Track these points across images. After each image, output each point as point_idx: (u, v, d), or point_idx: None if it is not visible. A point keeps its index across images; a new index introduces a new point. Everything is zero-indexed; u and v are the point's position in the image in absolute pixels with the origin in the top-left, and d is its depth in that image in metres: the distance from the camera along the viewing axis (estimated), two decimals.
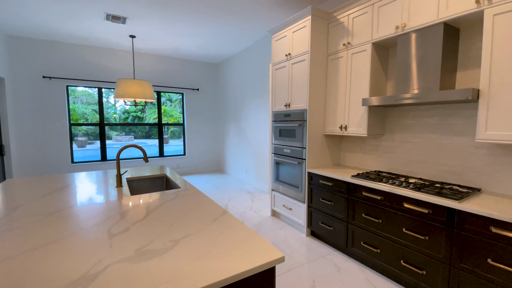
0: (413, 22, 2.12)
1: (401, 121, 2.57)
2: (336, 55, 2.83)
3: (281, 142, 3.33)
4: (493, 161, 1.96)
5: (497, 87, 1.69)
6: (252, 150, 5.38)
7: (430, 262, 1.86)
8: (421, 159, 2.42)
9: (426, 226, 1.87)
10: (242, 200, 4.34)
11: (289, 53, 3.10)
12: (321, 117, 3.00)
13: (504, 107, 1.67)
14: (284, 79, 3.22)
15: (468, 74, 2.07)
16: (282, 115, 3.28)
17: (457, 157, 2.17)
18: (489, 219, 1.55)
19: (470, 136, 2.08)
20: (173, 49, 5.46)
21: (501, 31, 1.65)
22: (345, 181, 2.49)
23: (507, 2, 1.60)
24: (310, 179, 2.92)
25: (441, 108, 2.26)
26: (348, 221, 2.49)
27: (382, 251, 2.19)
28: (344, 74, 2.75)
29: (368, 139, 2.89)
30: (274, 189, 3.53)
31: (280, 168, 3.38)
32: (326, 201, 2.71)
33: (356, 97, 2.63)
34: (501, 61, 1.66)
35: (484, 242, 1.58)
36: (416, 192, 1.93)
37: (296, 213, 3.14)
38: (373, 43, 2.47)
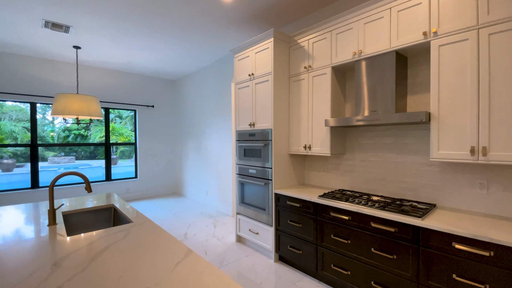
0: (369, 49, 2.28)
1: (360, 141, 2.69)
2: (298, 77, 2.89)
3: (246, 162, 3.20)
4: (444, 178, 2.12)
5: (446, 111, 1.86)
6: (213, 170, 5.13)
7: (399, 282, 1.87)
8: (380, 177, 2.53)
9: (394, 245, 1.89)
10: (203, 226, 4.01)
11: (252, 73, 3.07)
12: (286, 136, 2.99)
13: (451, 128, 1.83)
14: (248, 98, 3.17)
15: (417, 98, 2.27)
16: (247, 134, 3.19)
17: (412, 175, 2.32)
18: (450, 235, 1.62)
19: (423, 155, 2.25)
20: (125, 63, 5.05)
21: (446, 60, 1.85)
22: (312, 202, 2.45)
23: (450, 35, 1.81)
24: (277, 201, 2.82)
25: (395, 129, 2.42)
26: (317, 243, 2.42)
27: (352, 273, 2.15)
28: (306, 96, 2.80)
29: (330, 158, 2.95)
30: (239, 212, 3.33)
31: (246, 190, 3.23)
32: (295, 223, 2.63)
33: (319, 118, 2.69)
34: (448, 87, 1.84)
35: (448, 258, 1.64)
36: (381, 211, 1.97)
37: (263, 238, 2.98)
38: (332, 67, 2.58)
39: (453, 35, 1.80)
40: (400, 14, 2.07)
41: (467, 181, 2.01)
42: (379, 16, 2.20)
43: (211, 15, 3.14)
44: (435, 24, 1.89)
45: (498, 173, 1.86)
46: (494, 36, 1.63)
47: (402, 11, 2.07)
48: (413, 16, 2.00)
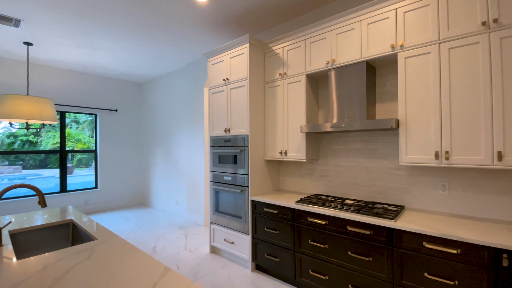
0: (341, 58, 2.37)
1: (332, 146, 2.77)
2: (273, 83, 2.91)
3: (221, 169, 3.10)
4: (411, 181, 2.27)
5: (412, 118, 1.99)
6: (184, 178, 4.90)
7: (375, 283, 1.92)
8: (353, 181, 2.62)
9: (369, 247, 1.95)
10: (174, 238, 3.77)
11: (227, 78, 3.02)
12: (262, 142, 2.96)
13: (418, 135, 1.97)
14: (223, 103, 3.09)
15: (385, 106, 2.41)
16: (222, 140, 3.10)
17: (382, 178, 2.44)
18: (421, 235, 1.72)
19: (391, 159, 2.38)
20: (85, 63, 4.65)
21: (412, 71, 1.99)
22: (290, 208, 2.44)
23: (415, 48, 1.96)
24: (254, 208, 2.76)
25: (365, 135, 2.54)
26: (295, 249, 2.41)
27: (330, 278, 2.17)
28: (282, 102, 2.83)
29: (305, 163, 3.00)
30: (214, 221, 3.20)
31: (220, 198, 3.11)
32: (272, 230, 2.59)
33: (294, 124, 2.72)
34: (414, 96, 1.98)
35: (420, 257, 1.72)
36: (357, 215, 2.02)
37: (239, 247, 2.88)
38: (306, 75, 2.64)
39: (418, 48, 1.95)
40: (370, 27, 2.20)
41: (431, 183, 2.17)
42: (350, 27, 2.32)
43: (181, 17, 3.03)
44: (401, 37, 2.03)
45: (458, 175, 2.04)
46: (453, 50, 1.80)
47: (371, 24, 2.20)
48: (381, 29, 2.14)
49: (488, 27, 1.66)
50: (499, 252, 1.44)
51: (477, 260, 1.51)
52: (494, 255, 1.46)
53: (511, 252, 1.41)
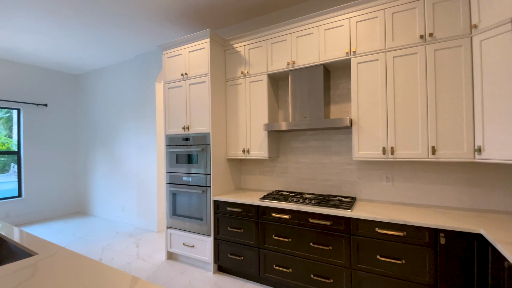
0: (301, 60, 2.49)
1: (292, 144, 2.89)
2: (235, 81, 2.89)
3: (179, 169, 2.93)
4: (361, 174, 2.51)
5: (364, 118, 2.21)
6: (132, 182, 4.48)
7: (335, 270, 2.07)
8: (310, 176, 2.78)
9: (330, 237, 2.09)
10: (123, 248, 3.41)
11: (186, 73, 2.87)
12: (224, 141, 2.91)
13: (368, 133, 2.19)
14: (181, 99, 2.93)
15: (338, 107, 2.62)
16: (180, 138, 2.93)
17: (336, 173, 2.64)
18: (374, 222, 1.92)
19: (344, 155, 2.60)
20: (5, 49, 3.85)
21: (363, 76, 2.21)
22: (254, 205, 2.45)
23: (366, 55, 2.18)
24: (216, 208, 2.68)
25: (321, 134, 2.73)
26: (259, 246, 2.43)
27: (293, 270, 2.25)
28: (244, 100, 2.82)
29: (266, 161, 3.05)
30: (171, 226, 3.00)
31: (178, 200, 2.94)
32: (235, 229, 2.55)
33: (257, 122, 2.74)
34: (365, 98, 2.20)
35: (373, 242, 1.92)
36: (318, 207, 2.15)
37: (200, 250, 2.76)
38: (268, 74, 2.70)
39: (368, 55, 2.18)
40: (327, 33, 2.37)
41: (377, 176, 2.44)
42: (309, 32, 2.45)
43: (131, 1, 2.77)
44: (354, 44, 2.24)
45: (399, 168, 2.34)
46: (397, 59, 2.06)
47: (328, 30, 2.36)
48: (337, 35, 2.32)
49: (424, 40, 1.96)
50: (437, 232, 1.71)
51: (419, 240, 1.76)
52: (433, 235, 1.72)
53: (446, 231, 1.68)
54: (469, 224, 1.66)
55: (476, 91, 1.80)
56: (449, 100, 1.90)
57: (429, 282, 1.73)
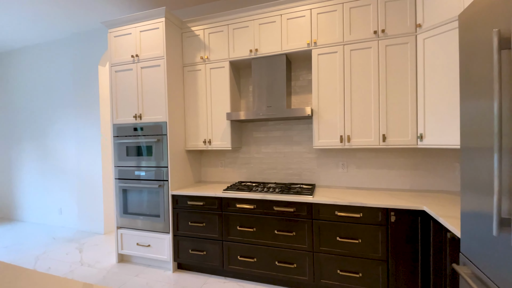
0: (264, 49, 2.46)
1: (254, 135, 2.87)
2: (194, 67, 2.71)
3: (130, 163, 2.65)
4: (320, 162, 2.63)
5: (323, 108, 2.30)
6: (71, 179, 3.91)
7: (298, 255, 2.14)
8: (272, 166, 2.81)
9: (293, 223, 2.14)
10: (63, 255, 2.96)
11: (137, 55, 2.58)
12: (182, 131, 2.72)
13: (327, 122, 2.29)
14: (131, 84, 2.63)
15: (299, 97, 2.68)
16: (131, 128, 2.64)
17: (296, 162, 2.72)
18: (334, 206, 2.02)
19: (304, 145, 2.68)
20: None
21: (323, 67, 2.28)
22: (218, 197, 2.36)
23: (326, 46, 2.25)
24: (175, 203, 2.51)
25: (283, 124, 2.76)
26: (223, 239, 2.36)
27: (258, 259, 2.25)
28: (204, 88, 2.67)
29: (228, 152, 2.97)
30: (122, 226, 2.71)
31: (130, 197, 2.66)
32: (197, 224, 2.43)
33: (218, 112, 2.63)
34: (325, 89, 2.28)
35: (333, 225, 2.03)
36: (282, 195, 2.17)
37: (157, 249, 2.56)
38: (230, 61, 2.59)
39: (328, 47, 2.26)
40: (289, 22, 2.37)
41: (334, 163, 2.58)
42: (272, 20, 2.42)
43: None
44: (315, 35, 2.29)
45: (353, 155, 2.52)
46: (354, 52, 2.18)
47: (290, 20, 2.37)
48: (299, 26, 2.34)
49: (377, 36, 2.11)
50: (388, 211, 1.88)
51: (374, 220, 1.92)
52: (385, 214, 1.89)
53: (396, 210, 1.86)
54: (414, 203, 1.88)
55: (419, 85, 2.02)
56: (398, 93, 2.09)
57: (382, 257, 1.91)
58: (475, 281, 1.05)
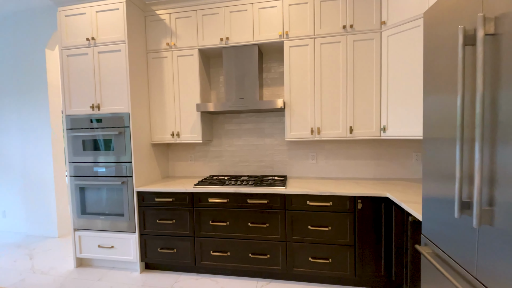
0: (235, 38, 2.38)
1: (226, 127, 2.80)
2: (159, 54, 2.52)
3: (88, 158, 2.40)
4: (291, 154, 2.67)
5: (295, 101, 2.32)
6: (16, 178, 3.43)
7: (272, 245, 2.16)
8: (245, 159, 2.78)
9: (267, 215, 2.15)
10: (10, 262, 2.61)
11: (93, 38, 2.31)
12: (147, 123, 2.53)
13: (299, 115, 2.32)
14: (87, 71, 2.36)
15: (271, 90, 2.67)
16: (87, 120, 2.38)
17: (269, 154, 2.73)
18: (306, 196, 2.07)
19: (276, 137, 2.69)
20: None
21: (295, 60, 2.28)
22: (189, 192, 2.26)
23: (298, 39, 2.26)
24: (141, 200, 2.34)
25: (255, 116, 2.73)
26: (194, 235, 2.28)
27: (232, 253, 2.23)
28: (171, 77, 2.51)
29: (198, 145, 2.86)
30: (80, 227, 2.46)
31: (89, 196, 2.42)
32: (166, 221, 2.31)
33: (187, 102, 2.50)
34: (296, 82, 2.30)
35: (305, 214, 2.08)
36: (256, 187, 2.16)
37: (122, 250, 2.39)
38: (199, 50, 2.47)
39: (299, 40, 2.26)
40: (261, 12, 2.32)
41: (305, 155, 2.65)
42: (243, 8, 2.35)
43: None
44: (287, 27, 2.28)
45: (322, 147, 2.60)
46: (324, 46, 2.22)
47: (262, 9, 2.32)
48: (271, 16, 2.30)
49: (346, 31, 2.17)
50: (355, 199, 1.99)
51: (342, 207, 2.01)
52: (353, 202, 1.99)
53: (362, 197, 1.97)
54: (378, 190, 2.01)
55: (383, 80, 2.13)
56: (364, 87, 2.19)
57: (350, 242, 2.02)
58: (436, 259, 1.16)
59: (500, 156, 0.78)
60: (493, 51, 0.79)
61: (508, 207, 0.75)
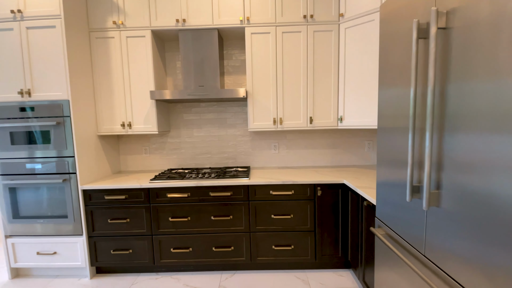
0: (193, 20, 2.21)
1: (185, 117, 2.64)
2: (104, 33, 2.22)
3: (20, 153, 2.04)
4: (254, 145, 2.65)
5: (258, 90, 2.27)
6: None
7: (236, 237, 2.14)
8: (206, 151, 2.67)
9: (230, 207, 2.11)
10: None
11: (19, 10, 1.92)
12: (92, 112, 2.24)
13: (261, 105, 2.29)
14: (12, 49, 1.96)
15: (232, 78, 2.58)
16: (15, 108, 2.00)
17: (231, 145, 2.66)
18: (269, 186, 2.08)
19: (238, 127, 2.64)
20: None
21: (256, 48, 2.22)
22: (144, 188, 2.09)
23: (259, 26, 2.19)
24: (88, 199, 2.09)
25: (216, 105, 2.63)
26: (152, 233, 2.13)
27: (194, 248, 2.15)
28: (120, 60, 2.24)
29: (153, 137, 2.65)
30: (13, 233, 2.11)
31: (22, 197, 2.08)
32: (119, 220, 2.11)
33: (140, 89, 2.27)
34: (258, 71, 2.25)
35: (268, 204, 2.09)
36: (219, 180, 2.09)
37: (67, 255, 2.12)
38: (152, 31, 2.24)
39: (261, 27, 2.20)
40: None
41: (267, 145, 2.65)
42: None
43: None
44: (248, 12, 2.19)
45: (283, 137, 2.63)
46: (285, 35, 2.20)
47: None
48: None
49: (307, 21, 2.17)
50: (315, 186, 2.06)
51: (303, 195, 2.07)
52: (313, 189, 2.06)
53: (322, 184, 2.05)
54: (335, 177, 2.10)
55: (341, 72, 2.21)
56: (323, 78, 2.25)
57: (310, 228, 2.10)
58: (388, 239, 1.25)
59: (446, 144, 0.84)
60: (444, 44, 0.84)
61: (453, 190, 0.83)
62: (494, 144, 0.67)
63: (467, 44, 0.75)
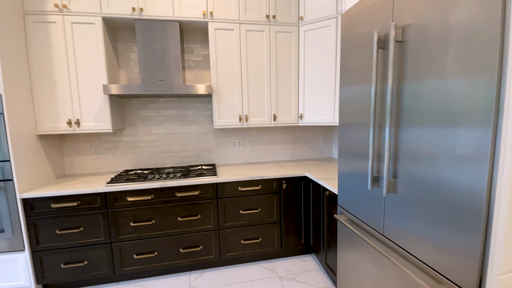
0: (151, 10, 2.07)
1: (142, 113, 2.47)
2: (44, 17, 1.92)
3: None
4: (218, 142, 2.63)
5: (223, 87, 2.26)
6: None
7: (204, 236, 2.12)
8: (167, 149, 2.55)
9: (198, 206, 2.07)
10: None
11: None
12: (29, 107, 1.93)
13: (227, 102, 2.29)
14: None
15: (194, 73, 2.51)
16: None
17: (194, 143, 2.60)
18: (238, 182, 2.11)
19: (201, 124, 2.58)
20: None
21: (221, 44, 2.20)
22: (99, 193, 1.90)
23: (223, 22, 2.16)
24: (29, 209, 1.81)
25: (177, 101, 2.52)
26: (111, 240, 1.96)
27: (160, 252, 2.06)
28: (64, 49, 1.97)
29: (104, 136, 2.41)
30: None
31: None
32: (70, 230, 1.88)
33: (89, 83, 2.04)
34: (223, 67, 2.23)
35: (237, 200, 2.13)
36: (186, 179, 2.03)
37: (5, 275, 1.81)
38: (104, 18, 2.02)
39: (225, 23, 2.19)
40: None
41: (231, 142, 2.66)
42: None
43: None
44: (211, 7, 2.15)
45: (247, 134, 2.68)
46: (249, 33, 2.23)
47: None
48: None
49: (269, 21, 2.24)
50: (280, 180, 2.17)
51: (270, 189, 2.16)
52: (279, 183, 2.17)
53: (286, 178, 2.17)
54: (297, 171, 2.25)
55: (301, 72, 2.35)
56: (286, 77, 2.36)
57: (276, 220, 2.21)
58: (350, 224, 1.41)
59: (402, 137, 1.00)
60: (399, 54, 0.99)
61: (407, 178, 0.99)
62: (441, 137, 0.83)
63: (419, 53, 0.90)
